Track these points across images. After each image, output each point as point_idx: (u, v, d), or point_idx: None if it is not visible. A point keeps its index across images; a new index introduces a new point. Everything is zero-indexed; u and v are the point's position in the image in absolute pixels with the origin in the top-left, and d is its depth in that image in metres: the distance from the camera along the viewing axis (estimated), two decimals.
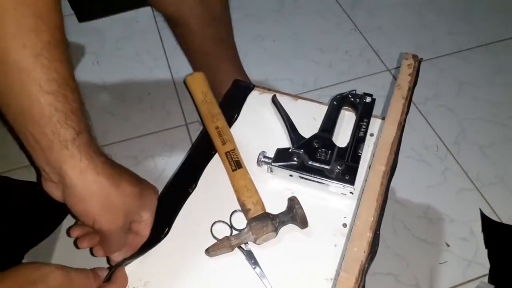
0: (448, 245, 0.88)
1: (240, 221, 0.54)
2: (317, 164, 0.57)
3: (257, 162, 0.59)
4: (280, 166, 0.57)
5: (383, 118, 0.62)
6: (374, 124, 0.64)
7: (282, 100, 0.67)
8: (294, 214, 0.52)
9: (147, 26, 1.35)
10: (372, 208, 0.47)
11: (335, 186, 0.56)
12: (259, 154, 0.59)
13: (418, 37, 1.29)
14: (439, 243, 0.88)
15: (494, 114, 1.09)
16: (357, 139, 0.59)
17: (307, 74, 1.20)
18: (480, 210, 0.92)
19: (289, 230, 0.54)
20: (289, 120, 0.62)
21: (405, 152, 1.01)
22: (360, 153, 0.58)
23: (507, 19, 1.32)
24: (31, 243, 0.88)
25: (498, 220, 0.91)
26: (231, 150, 0.58)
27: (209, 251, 0.51)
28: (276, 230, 0.52)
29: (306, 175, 0.56)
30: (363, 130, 0.60)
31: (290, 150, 0.58)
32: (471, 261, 0.86)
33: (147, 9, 1.39)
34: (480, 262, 0.85)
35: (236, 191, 0.56)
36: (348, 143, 0.59)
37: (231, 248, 0.51)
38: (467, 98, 1.13)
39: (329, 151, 0.58)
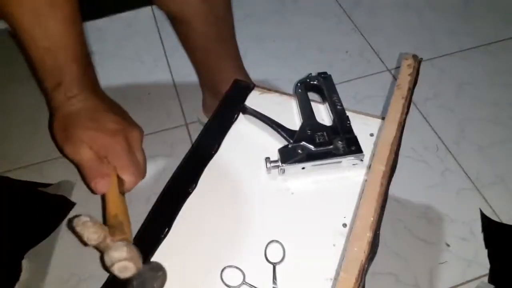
0: (448, 245, 0.88)
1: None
2: (322, 148, 0.58)
3: (267, 170, 0.58)
4: (291, 164, 0.57)
5: (383, 118, 0.62)
6: (374, 124, 0.64)
7: (282, 100, 0.67)
8: None
9: (147, 26, 1.35)
10: (372, 208, 0.47)
11: (347, 160, 0.57)
12: (265, 162, 0.58)
13: (418, 37, 1.28)
14: (439, 243, 0.88)
15: (494, 114, 1.09)
16: (339, 113, 0.62)
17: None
18: (480, 210, 0.92)
19: (289, 230, 0.54)
20: (273, 120, 0.62)
21: (405, 152, 1.01)
22: (349, 124, 0.60)
23: (507, 19, 1.32)
24: (31, 243, 0.88)
25: (498, 220, 0.91)
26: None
27: None
28: None
29: (319, 161, 0.57)
30: (338, 104, 0.63)
31: (290, 146, 0.59)
32: (471, 261, 0.86)
33: (147, 9, 1.39)
34: (480, 262, 0.85)
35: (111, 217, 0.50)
36: (333, 120, 0.61)
37: None
38: (467, 98, 1.13)
39: (324, 133, 0.59)
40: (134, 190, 0.98)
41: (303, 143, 0.59)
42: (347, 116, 0.61)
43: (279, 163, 0.57)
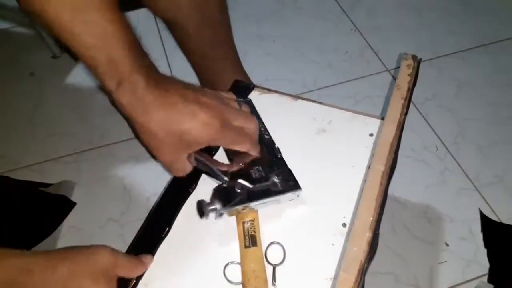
0: (447, 245, 0.88)
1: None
2: (259, 185, 0.53)
3: (204, 215, 0.51)
4: (231, 207, 0.51)
5: (383, 118, 0.62)
6: (374, 124, 0.64)
7: (282, 100, 0.67)
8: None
9: (147, 27, 1.35)
10: (371, 208, 0.47)
11: (285, 197, 0.53)
12: (203, 206, 0.51)
13: (417, 37, 1.29)
14: (439, 243, 0.88)
15: (493, 114, 1.10)
16: (267, 143, 0.57)
17: (306, 75, 1.20)
18: (480, 210, 0.92)
19: (289, 230, 0.54)
20: (205, 163, 0.54)
21: (404, 152, 1.01)
22: (280, 155, 0.56)
23: (507, 19, 1.32)
24: (31, 243, 0.88)
25: (498, 220, 0.91)
26: (250, 220, 0.51)
27: None
28: None
29: (261, 201, 0.52)
30: (266, 133, 0.58)
31: (226, 186, 0.52)
32: (470, 260, 0.86)
33: (147, 10, 1.39)
34: (479, 262, 0.86)
35: (243, 272, 0.49)
36: (264, 151, 0.56)
37: None
38: (466, 98, 1.13)
39: (260, 167, 0.54)
40: (134, 190, 0.99)
41: (240, 180, 0.52)
42: (278, 147, 0.56)
43: (217, 206, 0.51)
